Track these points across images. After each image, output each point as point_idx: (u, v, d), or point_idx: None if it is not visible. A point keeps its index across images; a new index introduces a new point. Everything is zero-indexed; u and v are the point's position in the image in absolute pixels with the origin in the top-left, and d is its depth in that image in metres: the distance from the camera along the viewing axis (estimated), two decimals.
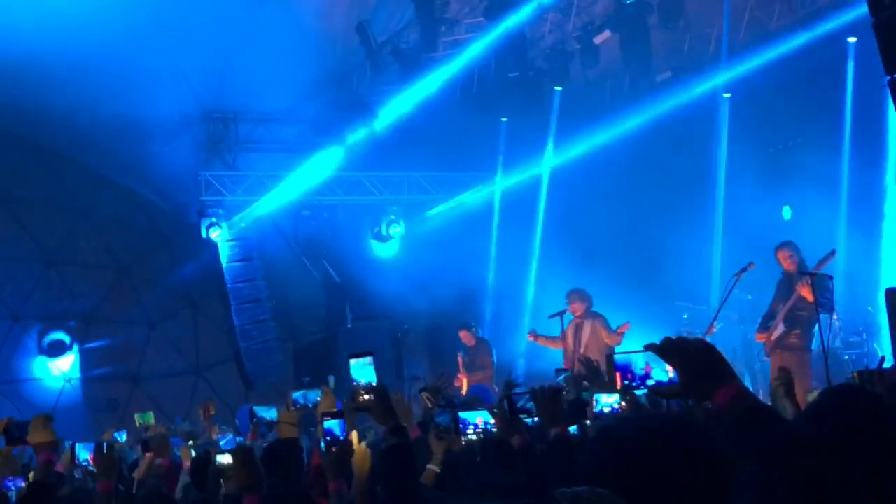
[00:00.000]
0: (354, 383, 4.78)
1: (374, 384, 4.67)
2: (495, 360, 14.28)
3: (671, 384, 2.77)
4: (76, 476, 7.13)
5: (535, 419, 5.48)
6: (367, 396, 4.63)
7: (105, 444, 5.13)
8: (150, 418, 9.62)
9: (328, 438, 4.74)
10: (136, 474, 6.78)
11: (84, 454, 6.25)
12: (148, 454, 6.66)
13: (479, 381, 13.68)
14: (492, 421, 5.69)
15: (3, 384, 15.49)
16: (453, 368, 14.50)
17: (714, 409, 2.62)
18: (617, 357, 3.05)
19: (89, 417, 15.86)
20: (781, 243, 10.42)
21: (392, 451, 4.34)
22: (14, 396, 15.91)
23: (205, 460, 7.10)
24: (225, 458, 6.21)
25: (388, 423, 4.46)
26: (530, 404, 5.35)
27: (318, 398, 6.33)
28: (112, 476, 4.96)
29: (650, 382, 2.93)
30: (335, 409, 5.75)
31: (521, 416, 5.50)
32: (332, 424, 4.84)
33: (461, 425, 5.75)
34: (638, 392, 3.91)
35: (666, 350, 2.63)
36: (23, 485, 6.12)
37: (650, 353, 2.71)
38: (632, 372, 2.97)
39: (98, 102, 14.30)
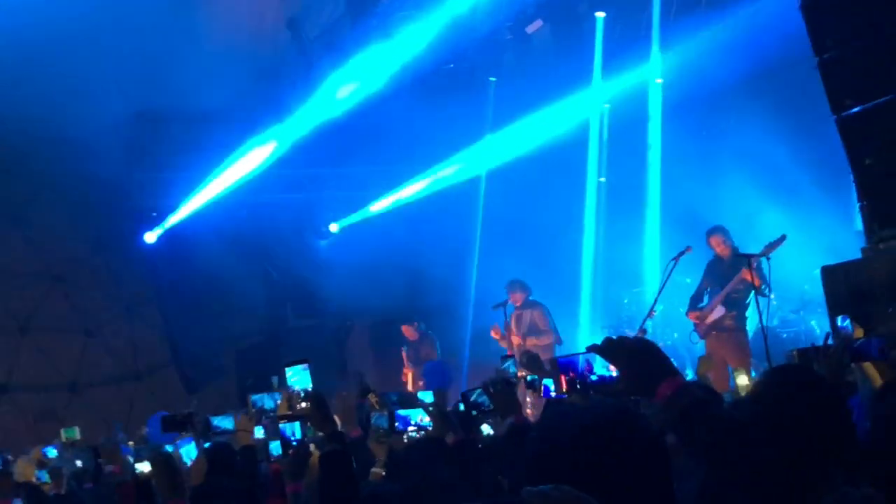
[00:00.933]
0: (291, 390, 4.74)
1: (310, 391, 4.64)
2: (439, 353, 14.32)
3: (614, 381, 2.83)
4: None
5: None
6: (304, 404, 4.61)
7: (1, 461, 5.03)
8: (75, 433, 9.43)
9: (285, 441, 4.71)
10: None
11: None
12: None
13: (422, 375, 13.72)
14: (427, 419, 5.70)
15: None
16: (398, 363, 14.52)
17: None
18: (559, 359, 3.07)
19: (27, 427, 15.54)
20: (713, 228, 10.68)
21: (330, 457, 4.32)
22: None
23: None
24: (144, 466, 6.17)
25: (326, 429, 4.44)
26: (483, 398, 5.38)
27: (277, 402, 6.27)
28: (8, 495, 4.87)
29: (593, 378, 2.94)
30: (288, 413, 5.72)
31: (475, 410, 5.53)
32: (288, 427, 4.80)
33: (399, 424, 5.74)
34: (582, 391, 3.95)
35: (607, 350, 2.70)
36: None
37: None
38: (574, 370, 2.98)
39: (27, 108, 14.00)
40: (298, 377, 4.96)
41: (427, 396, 7.54)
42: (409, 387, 13.73)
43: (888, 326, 4.86)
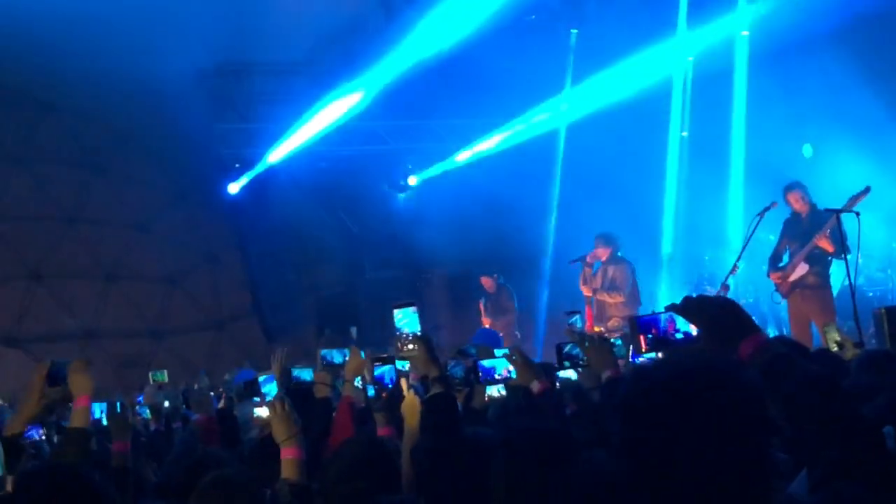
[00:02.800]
0: (398, 333, 4.78)
1: (419, 333, 4.67)
2: (516, 305, 14.31)
3: (696, 340, 2.80)
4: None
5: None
6: (410, 346, 4.65)
7: (119, 404, 5.13)
8: (164, 377, 9.64)
9: (377, 386, 4.75)
10: None
11: (97, 412, 6.26)
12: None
13: (502, 326, 13.76)
14: (511, 368, 5.68)
15: (31, 343, 15.56)
16: (475, 316, 14.55)
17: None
18: (639, 318, 3.03)
19: (113, 374, 15.96)
20: (791, 184, 10.44)
21: (436, 401, 4.33)
22: (42, 355, 15.99)
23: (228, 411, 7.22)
24: (262, 411, 6.36)
25: (432, 372, 4.46)
26: (577, 350, 5.38)
27: (346, 357, 6.35)
28: (127, 436, 4.97)
29: (678, 336, 2.90)
30: (362, 368, 5.77)
31: (568, 363, 5.52)
32: (383, 371, 4.85)
33: (483, 374, 5.73)
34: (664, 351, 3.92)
35: (686, 309, 2.67)
36: (42, 432, 6.18)
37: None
38: (657, 328, 2.93)
39: (112, 60, 14.21)
40: (407, 319, 4.99)
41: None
42: None
43: None
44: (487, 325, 13.92)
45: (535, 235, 16.67)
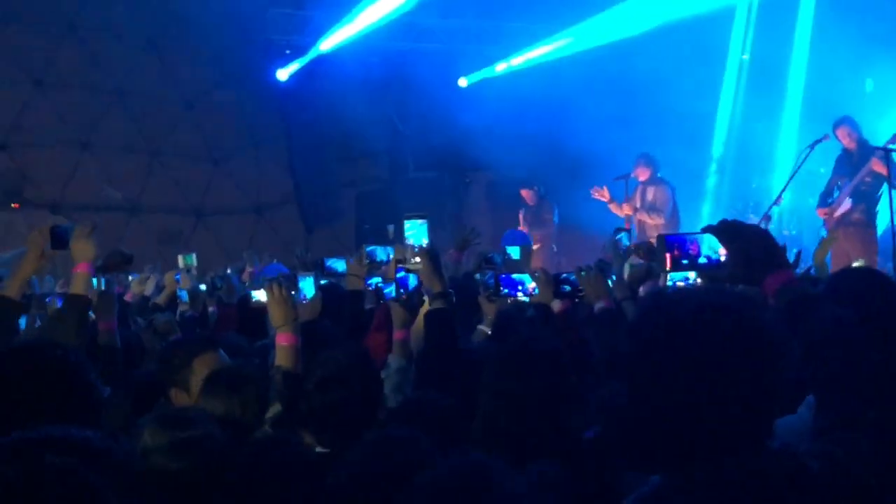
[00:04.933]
0: (406, 244, 4.74)
1: (425, 246, 4.63)
2: (556, 220, 14.23)
3: (721, 265, 2.74)
4: None
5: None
6: (416, 260, 4.61)
7: (104, 281, 5.09)
8: (193, 260, 9.64)
9: (402, 291, 4.73)
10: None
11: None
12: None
13: (540, 238, 13.71)
14: (532, 285, 5.65)
15: (75, 211, 15.72)
16: (515, 225, 14.45)
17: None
18: (669, 237, 2.97)
19: (153, 249, 16.15)
20: (840, 119, 10.22)
21: (435, 316, 4.33)
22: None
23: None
24: (261, 295, 6.27)
25: (435, 287, 4.44)
26: (574, 277, 5.30)
27: (390, 255, 6.30)
28: (112, 315, 4.95)
29: (702, 260, 2.84)
30: (407, 263, 5.74)
31: (564, 286, 5.46)
32: (406, 277, 4.82)
33: (507, 288, 5.70)
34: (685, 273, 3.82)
35: (722, 231, 2.61)
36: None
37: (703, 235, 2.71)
38: (681, 248, 2.87)
39: None
40: (415, 231, 4.94)
41: (514, 252, 7.47)
42: None
43: None
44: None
45: (586, 150, 16.44)
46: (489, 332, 5.71)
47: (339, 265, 6.93)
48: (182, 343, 4.63)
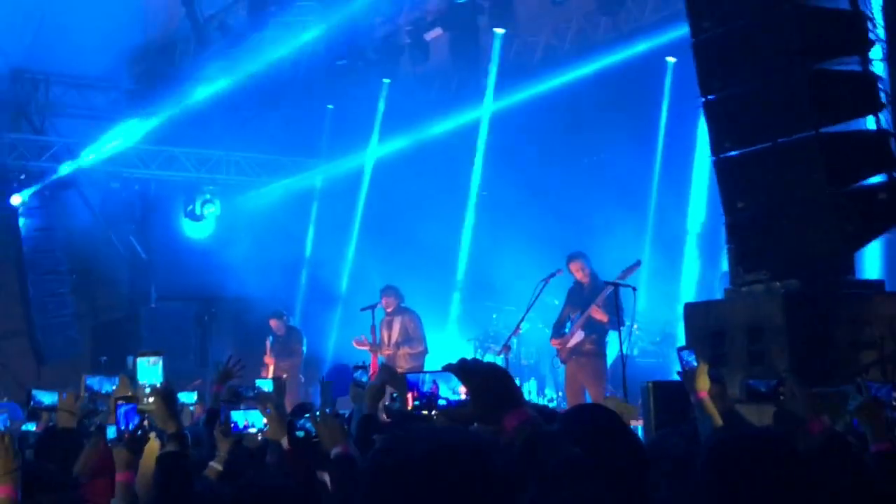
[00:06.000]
0: (140, 384, 4.58)
1: (159, 386, 4.49)
2: (304, 350, 14.15)
3: (461, 406, 2.80)
4: None
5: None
6: (150, 400, 4.45)
7: None
8: None
9: (122, 427, 4.51)
10: None
11: None
12: None
13: (287, 368, 13.54)
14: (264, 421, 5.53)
15: None
16: (261, 353, 14.25)
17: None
18: (409, 376, 3.04)
19: None
20: (573, 254, 10.74)
21: (167, 459, 4.20)
22: None
23: None
24: None
25: (169, 428, 4.31)
26: (309, 424, 5.14)
27: (114, 386, 5.99)
28: None
29: (441, 403, 2.92)
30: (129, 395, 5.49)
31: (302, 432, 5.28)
32: (128, 412, 4.61)
33: (234, 426, 5.57)
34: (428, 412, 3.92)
35: (461, 370, 2.65)
36: None
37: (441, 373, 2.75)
38: (418, 390, 2.95)
39: None
40: (150, 371, 4.78)
41: (266, 384, 7.29)
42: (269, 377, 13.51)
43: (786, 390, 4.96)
44: (271, 365, 13.66)
45: (329, 279, 16.60)
46: (220, 469, 5.55)
47: (49, 398, 6.50)
48: None
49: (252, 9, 14.41)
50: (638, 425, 7.59)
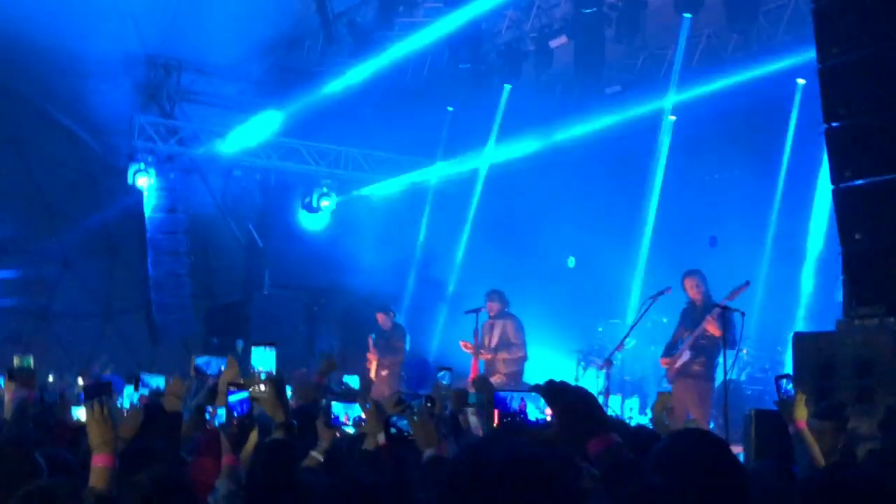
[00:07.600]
0: (255, 370, 4.67)
1: (272, 374, 4.59)
2: (407, 347, 14.26)
3: (546, 427, 2.81)
4: None
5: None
6: (262, 387, 4.55)
7: None
8: (30, 362, 9.21)
9: (233, 415, 4.61)
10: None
11: None
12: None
13: (389, 365, 13.69)
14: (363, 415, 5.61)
15: None
16: (365, 348, 14.42)
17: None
18: (497, 393, 3.05)
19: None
20: (689, 271, 10.43)
21: (274, 446, 4.28)
22: None
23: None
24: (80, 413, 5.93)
25: (278, 416, 4.40)
26: (404, 422, 5.18)
27: (223, 367, 6.10)
28: None
29: (529, 420, 2.93)
30: (240, 381, 5.60)
31: (398, 435, 5.32)
32: (238, 398, 4.72)
33: (335, 418, 5.67)
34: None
35: (549, 392, 2.66)
36: None
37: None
38: (505, 408, 2.95)
39: (39, 31, 13.90)
40: (263, 358, 4.88)
41: (353, 381, 7.36)
42: (372, 374, 13.67)
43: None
44: (374, 361, 13.81)
45: (438, 280, 16.71)
46: (321, 460, 5.64)
47: (156, 381, 6.64)
48: None
49: (381, 8, 14.63)
50: (739, 453, 7.44)
